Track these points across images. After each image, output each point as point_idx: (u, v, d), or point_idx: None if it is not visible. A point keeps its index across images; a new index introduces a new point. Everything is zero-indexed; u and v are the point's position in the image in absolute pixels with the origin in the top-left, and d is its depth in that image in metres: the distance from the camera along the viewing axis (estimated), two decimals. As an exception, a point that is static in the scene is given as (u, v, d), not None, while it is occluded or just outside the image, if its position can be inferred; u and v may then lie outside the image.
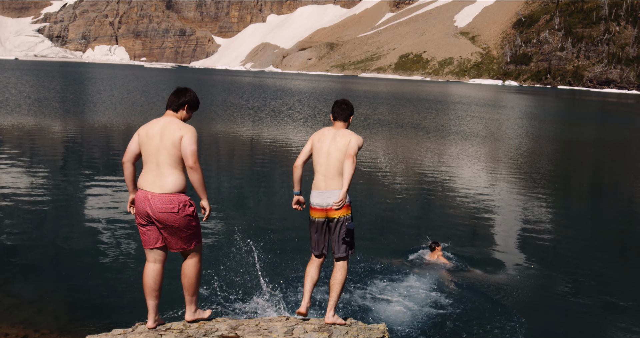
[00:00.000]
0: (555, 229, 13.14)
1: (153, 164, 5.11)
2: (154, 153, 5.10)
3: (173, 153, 5.04)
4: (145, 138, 5.18)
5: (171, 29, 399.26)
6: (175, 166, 5.06)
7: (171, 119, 5.21)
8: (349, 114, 5.79)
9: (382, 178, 17.83)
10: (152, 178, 5.10)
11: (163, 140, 5.06)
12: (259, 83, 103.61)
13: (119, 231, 10.91)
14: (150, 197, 5.05)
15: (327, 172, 5.57)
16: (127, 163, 5.30)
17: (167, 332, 5.20)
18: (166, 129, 5.09)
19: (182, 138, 5.03)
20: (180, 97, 5.35)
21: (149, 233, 5.20)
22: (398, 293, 8.45)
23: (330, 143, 5.59)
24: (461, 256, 10.77)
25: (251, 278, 8.66)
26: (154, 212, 5.03)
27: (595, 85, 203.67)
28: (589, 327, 7.95)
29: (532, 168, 21.70)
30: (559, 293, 9.03)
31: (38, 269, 8.81)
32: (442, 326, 7.55)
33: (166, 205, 5.01)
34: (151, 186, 5.08)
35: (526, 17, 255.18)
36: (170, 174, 5.05)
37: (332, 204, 5.46)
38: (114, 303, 7.77)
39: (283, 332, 5.21)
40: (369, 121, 36.78)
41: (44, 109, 33.55)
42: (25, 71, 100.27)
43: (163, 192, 5.03)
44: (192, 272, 5.32)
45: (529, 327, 7.74)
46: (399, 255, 10.61)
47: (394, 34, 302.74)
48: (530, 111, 60.20)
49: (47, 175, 15.62)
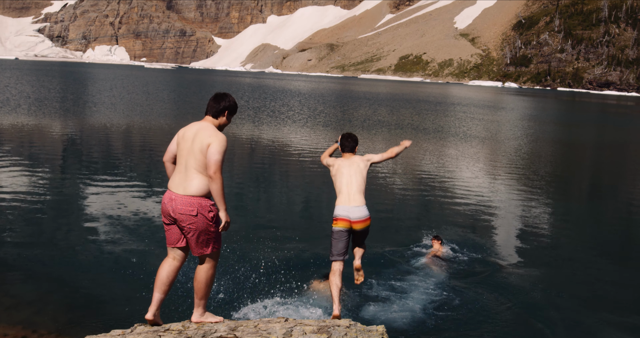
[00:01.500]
0: (553, 229, 13.14)
1: (182, 166, 5.23)
2: (184, 155, 5.23)
3: (199, 158, 5.14)
4: (181, 140, 5.31)
5: (171, 29, 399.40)
6: (201, 171, 5.15)
7: (206, 125, 5.31)
8: (354, 146, 6.95)
9: (382, 178, 17.82)
10: (179, 179, 5.21)
11: (193, 144, 5.17)
12: (259, 84, 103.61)
13: (119, 231, 10.91)
14: (174, 198, 5.18)
15: (350, 191, 6.61)
16: (167, 162, 5.49)
17: (166, 332, 5.19)
18: (198, 135, 5.20)
19: (209, 145, 5.12)
20: (220, 103, 5.44)
21: (171, 232, 5.34)
22: (398, 292, 8.45)
23: (350, 168, 6.72)
24: (461, 254, 10.84)
25: (250, 279, 8.66)
26: (175, 212, 5.16)
27: (594, 87, 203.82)
28: (588, 326, 7.95)
29: (531, 169, 21.70)
30: (558, 292, 9.03)
31: (37, 269, 8.81)
32: (441, 326, 7.54)
33: (186, 207, 5.12)
34: (176, 188, 5.21)
35: (526, 19, 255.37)
36: (195, 178, 5.14)
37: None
38: (113, 303, 7.76)
39: (282, 333, 5.20)
40: (369, 122, 36.78)
41: (44, 108, 33.54)
42: (26, 71, 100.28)
43: (185, 194, 5.14)
44: (203, 277, 5.41)
45: (528, 326, 7.74)
46: (399, 253, 10.63)
47: (394, 35, 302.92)
48: (530, 113, 60.21)
49: (46, 175, 15.61)
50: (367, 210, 6.61)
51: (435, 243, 10.84)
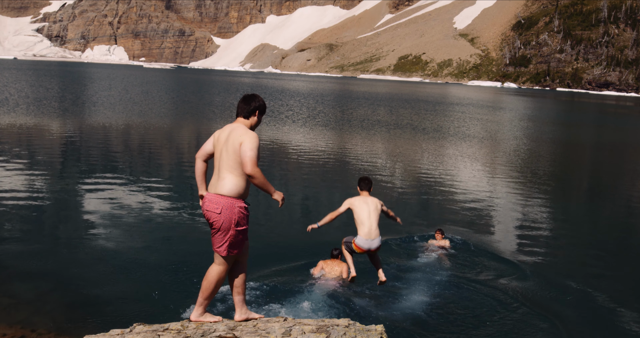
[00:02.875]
0: (552, 227, 13.15)
1: (216, 168, 5.35)
2: (218, 157, 5.35)
3: (232, 158, 5.23)
4: (217, 142, 5.43)
5: (170, 29, 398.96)
6: (232, 170, 5.24)
7: (237, 126, 5.40)
8: (370, 187, 8.18)
9: (381, 177, 17.82)
10: (213, 180, 5.34)
11: (226, 145, 5.28)
12: (258, 84, 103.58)
13: (118, 231, 10.91)
14: (207, 197, 5.33)
15: (372, 226, 7.79)
16: (198, 159, 5.57)
17: (165, 332, 5.19)
18: (230, 136, 5.30)
19: (241, 143, 5.19)
20: (250, 104, 5.52)
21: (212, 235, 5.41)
22: (398, 289, 8.45)
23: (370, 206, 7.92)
24: (462, 248, 11.00)
25: (249, 279, 8.66)
26: (204, 209, 5.31)
27: (594, 87, 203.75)
28: (587, 321, 7.96)
29: (530, 169, 21.71)
30: (556, 288, 9.04)
31: (35, 269, 8.80)
32: (440, 324, 7.54)
33: (212, 204, 5.23)
34: (210, 188, 5.35)
35: (525, 19, 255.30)
36: (225, 177, 5.25)
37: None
38: (112, 303, 7.75)
39: (281, 333, 5.20)
40: (368, 122, 36.78)
41: (43, 108, 33.51)
42: (24, 71, 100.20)
43: (215, 192, 5.26)
44: (213, 277, 5.46)
45: (526, 323, 7.74)
46: (401, 245, 10.69)
47: (393, 35, 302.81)
48: (529, 113, 60.23)
49: (44, 175, 15.60)
50: (381, 239, 7.95)
51: (437, 235, 11.07)
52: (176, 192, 14.58)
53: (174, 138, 25.79)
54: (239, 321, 5.57)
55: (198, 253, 9.78)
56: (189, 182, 16.19)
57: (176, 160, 20.16)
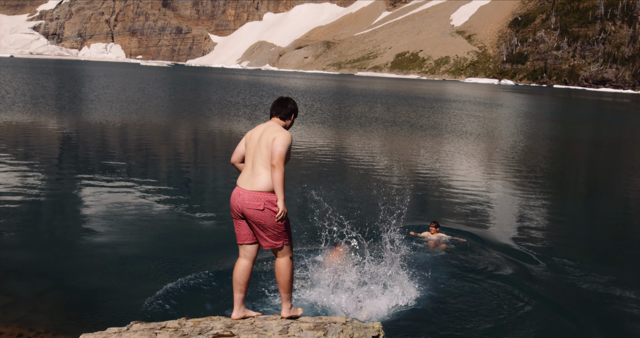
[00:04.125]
0: (547, 222, 13.18)
1: (250, 163, 5.48)
2: (251, 154, 5.49)
3: (265, 153, 5.38)
4: (249, 140, 5.58)
5: (167, 27, 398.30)
6: (267, 166, 5.38)
7: (272, 124, 5.59)
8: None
9: (378, 174, 17.82)
10: (247, 176, 5.46)
11: (260, 141, 5.43)
12: (256, 81, 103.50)
13: (115, 229, 10.89)
14: (241, 193, 5.41)
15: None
16: (235, 164, 5.77)
17: (162, 330, 5.19)
18: (265, 132, 5.47)
19: (274, 139, 5.37)
20: (287, 106, 5.71)
21: (240, 228, 5.54)
22: (393, 286, 8.44)
23: None
24: (456, 242, 11.11)
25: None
26: (243, 208, 5.38)
27: (590, 84, 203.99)
28: (580, 315, 7.97)
29: (527, 165, 21.73)
30: (550, 283, 9.05)
31: (33, 267, 8.79)
32: (437, 319, 7.54)
33: (253, 202, 5.33)
34: (244, 184, 5.45)
35: (522, 16, 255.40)
36: (262, 173, 5.37)
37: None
38: (109, 301, 7.75)
39: (278, 331, 5.21)
40: (366, 119, 36.78)
41: (40, 106, 33.44)
42: (21, 69, 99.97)
43: (252, 189, 5.36)
44: (285, 270, 5.54)
45: (522, 317, 7.75)
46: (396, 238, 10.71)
47: (390, 32, 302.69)
48: (526, 110, 60.27)
49: (40, 173, 15.58)
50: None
51: (432, 228, 11.16)
52: (174, 190, 14.57)
53: (171, 136, 25.76)
54: (237, 319, 5.59)
55: (196, 251, 9.78)
56: (186, 180, 16.18)
57: (174, 158, 20.14)
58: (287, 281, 5.55)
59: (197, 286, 8.21)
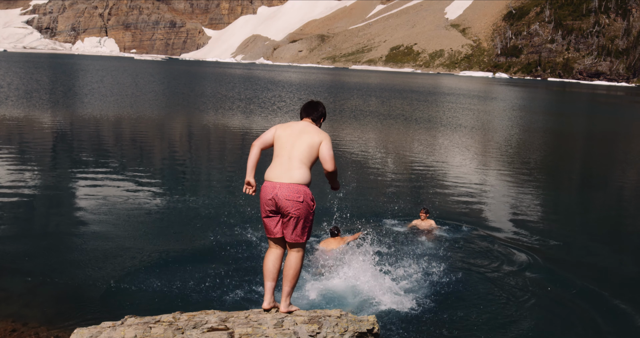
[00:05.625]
0: (540, 213, 13.22)
1: (285, 157, 5.59)
2: (288, 148, 5.60)
3: (308, 151, 5.59)
4: (283, 134, 5.70)
5: (161, 20, 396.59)
6: (306, 162, 5.59)
7: (310, 124, 5.85)
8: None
9: (373, 166, 17.83)
10: (282, 170, 5.55)
11: (301, 138, 5.62)
12: (250, 75, 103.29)
13: (109, 223, 10.86)
14: (278, 186, 5.51)
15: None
16: (256, 147, 5.74)
17: (157, 324, 5.17)
18: (305, 131, 5.69)
19: (321, 142, 5.62)
20: (318, 110, 6.00)
21: (272, 222, 5.64)
22: (386, 277, 8.45)
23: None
24: (448, 228, 11.35)
25: (243, 271, 8.65)
26: (280, 199, 5.48)
27: (585, 77, 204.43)
28: (575, 308, 8.00)
29: (521, 157, 21.77)
30: (542, 272, 9.07)
31: (26, 262, 8.76)
32: (431, 312, 7.55)
33: (293, 193, 5.48)
34: (279, 177, 5.53)
35: (516, 10, 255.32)
36: (300, 168, 5.54)
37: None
38: (103, 296, 7.73)
39: (273, 324, 5.21)
40: (360, 113, 36.75)
41: (33, 101, 33.29)
42: (14, 63, 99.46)
43: (291, 182, 5.50)
44: (297, 264, 5.70)
45: (515, 309, 7.77)
46: (381, 231, 10.74)
47: (384, 26, 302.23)
48: (521, 103, 60.36)
49: (33, 167, 15.52)
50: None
51: (422, 214, 11.23)
52: (167, 184, 14.53)
53: (165, 129, 25.69)
54: (267, 309, 5.69)
55: (189, 245, 9.77)
56: (179, 174, 16.14)
57: (167, 152, 20.09)
58: (294, 276, 5.69)
59: (191, 280, 8.20)
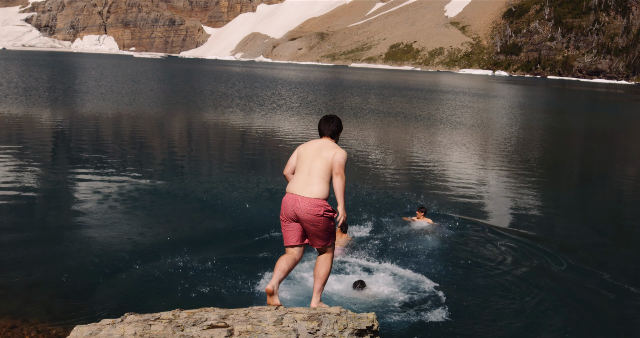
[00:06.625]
0: (540, 212, 13.22)
1: (305, 172, 6.08)
2: (307, 163, 6.11)
3: (324, 166, 6.05)
4: (304, 152, 6.22)
5: (160, 18, 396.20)
6: (324, 177, 6.03)
7: (328, 141, 6.32)
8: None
9: (372, 164, 17.83)
10: (302, 184, 6.04)
11: (319, 154, 6.11)
12: (249, 73, 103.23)
13: (109, 221, 10.87)
14: (300, 200, 5.97)
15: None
16: (287, 175, 6.35)
17: (157, 321, 5.17)
18: (323, 148, 6.17)
19: (335, 154, 6.09)
20: (331, 126, 6.40)
21: (291, 230, 6.11)
22: (384, 276, 8.46)
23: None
24: (445, 227, 11.31)
25: (242, 268, 8.66)
26: (302, 213, 5.95)
27: (584, 75, 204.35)
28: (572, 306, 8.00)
29: (521, 155, 21.78)
30: (540, 271, 9.08)
31: (26, 259, 8.76)
32: (430, 309, 7.56)
33: (314, 208, 5.93)
34: (301, 191, 6.01)
35: (516, 7, 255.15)
36: (319, 183, 6.01)
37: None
38: (103, 293, 7.73)
39: (272, 321, 5.20)
40: (360, 111, 36.74)
41: (33, 99, 33.27)
42: (13, 61, 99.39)
43: (312, 197, 5.96)
44: (328, 263, 6.20)
45: (514, 307, 7.77)
46: (378, 230, 10.74)
47: (384, 24, 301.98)
48: (520, 101, 60.36)
49: (34, 164, 15.51)
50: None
51: (419, 213, 11.20)
52: (167, 181, 14.53)
53: (164, 127, 25.68)
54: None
55: (189, 243, 9.76)
56: (179, 171, 16.14)
57: (167, 149, 20.08)
58: (325, 274, 6.17)
59: (191, 277, 8.20)
